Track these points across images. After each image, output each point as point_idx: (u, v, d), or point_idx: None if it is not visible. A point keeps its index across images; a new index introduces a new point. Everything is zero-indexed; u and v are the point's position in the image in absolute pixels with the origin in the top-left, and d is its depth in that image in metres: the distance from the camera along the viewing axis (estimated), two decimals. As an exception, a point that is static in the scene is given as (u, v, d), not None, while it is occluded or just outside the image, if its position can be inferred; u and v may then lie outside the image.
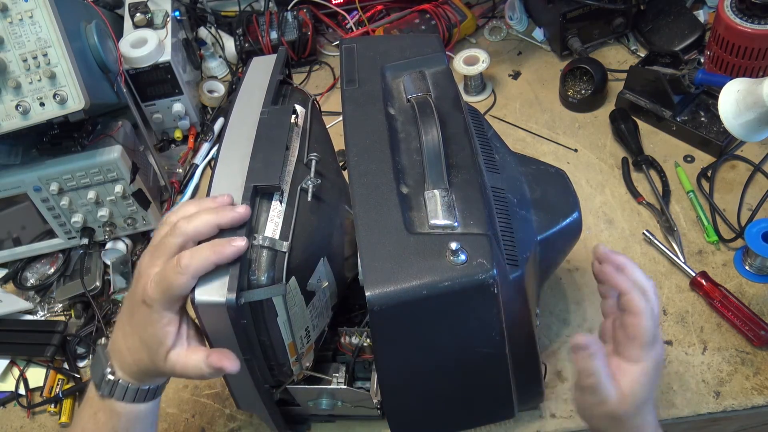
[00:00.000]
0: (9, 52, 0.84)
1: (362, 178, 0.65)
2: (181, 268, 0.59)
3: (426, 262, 0.58)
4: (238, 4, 1.30)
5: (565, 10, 1.11)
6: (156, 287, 0.61)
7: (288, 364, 0.71)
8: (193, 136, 1.16)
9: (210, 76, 1.26)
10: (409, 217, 0.62)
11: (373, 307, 0.57)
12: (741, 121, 0.72)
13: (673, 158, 1.02)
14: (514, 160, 0.79)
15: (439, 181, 0.64)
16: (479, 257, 0.58)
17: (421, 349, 0.64)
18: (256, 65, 0.83)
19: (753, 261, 0.89)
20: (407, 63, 0.76)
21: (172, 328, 0.62)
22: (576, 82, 1.11)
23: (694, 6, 1.18)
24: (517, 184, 0.76)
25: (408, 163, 0.67)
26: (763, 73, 1.02)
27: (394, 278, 0.58)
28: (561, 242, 0.76)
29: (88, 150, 0.96)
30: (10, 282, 1.06)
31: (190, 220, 0.62)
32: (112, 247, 1.04)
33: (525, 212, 0.73)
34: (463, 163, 0.66)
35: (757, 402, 0.79)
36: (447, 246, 0.59)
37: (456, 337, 0.63)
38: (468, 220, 0.62)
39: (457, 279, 0.57)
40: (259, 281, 0.62)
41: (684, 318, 0.87)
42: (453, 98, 0.72)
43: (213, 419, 0.89)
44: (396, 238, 0.60)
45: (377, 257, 0.59)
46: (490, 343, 0.63)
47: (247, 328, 0.64)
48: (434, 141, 0.65)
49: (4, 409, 0.95)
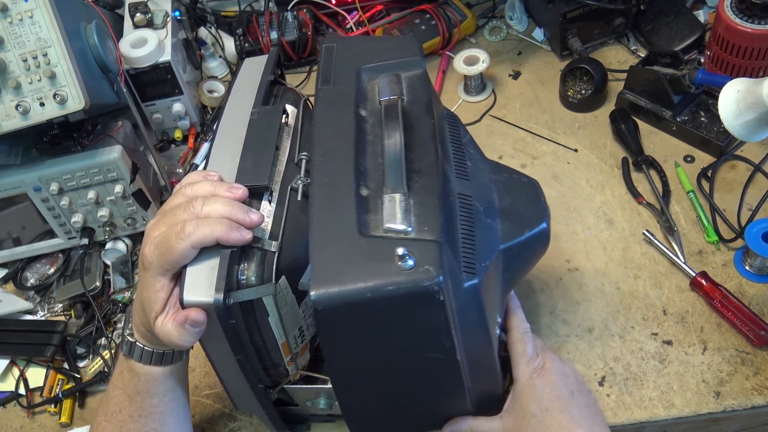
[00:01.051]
0: (9, 52, 0.85)
1: (323, 178, 0.64)
2: (184, 234, 0.60)
3: (374, 265, 0.58)
4: (238, 4, 1.30)
5: (565, 10, 1.11)
6: (155, 250, 0.62)
7: (283, 364, 0.71)
8: (193, 136, 1.16)
9: (210, 76, 1.26)
10: (365, 220, 0.62)
11: (317, 306, 0.57)
12: (741, 121, 0.72)
13: (673, 158, 1.02)
14: (488, 167, 0.79)
15: (398, 186, 0.63)
16: (427, 264, 0.58)
17: (369, 351, 0.64)
18: (248, 66, 0.83)
19: (753, 261, 0.89)
20: (384, 65, 0.75)
21: (163, 294, 0.63)
22: (576, 82, 1.11)
23: (694, 6, 1.18)
24: (487, 192, 0.75)
25: (372, 165, 0.67)
26: (763, 73, 1.02)
27: (340, 279, 0.57)
28: (527, 252, 0.75)
29: (88, 150, 0.96)
30: (10, 282, 1.06)
31: (205, 203, 0.62)
32: (112, 247, 1.04)
33: (491, 220, 0.73)
34: (426, 169, 0.66)
35: (757, 402, 0.79)
36: (396, 251, 0.58)
37: (404, 342, 0.63)
38: (422, 226, 0.61)
39: (402, 284, 0.57)
40: (248, 281, 0.62)
41: (684, 318, 0.87)
42: (426, 103, 0.72)
43: (213, 419, 0.89)
44: (347, 240, 0.60)
45: (326, 258, 0.59)
46: (440, 349, 0.63)
47: (237, 328, 0.64)
48: (396, 145, 0.65)
49: (4, 409, 0.95)
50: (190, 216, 0.62)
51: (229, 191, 0.64)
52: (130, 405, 0.71)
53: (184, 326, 0.62)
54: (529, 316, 0.89)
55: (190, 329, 0.62)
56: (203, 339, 0.65)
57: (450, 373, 0.67)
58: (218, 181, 0.66)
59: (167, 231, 0.62)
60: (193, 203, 0.62)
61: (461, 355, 0.65)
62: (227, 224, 0.61)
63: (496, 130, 1.12)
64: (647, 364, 0.84)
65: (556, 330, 0.88)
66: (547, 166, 1.05)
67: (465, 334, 0.64)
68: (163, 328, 0.63)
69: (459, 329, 0.63)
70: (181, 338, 0.63)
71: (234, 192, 0.64)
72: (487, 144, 1.10)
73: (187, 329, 0.62)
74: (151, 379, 0.70)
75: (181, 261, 0.62)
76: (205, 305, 0.61)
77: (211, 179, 0.66)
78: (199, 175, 0.67)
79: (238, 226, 0.61)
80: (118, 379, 0.72)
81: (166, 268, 0.63)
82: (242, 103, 0.76)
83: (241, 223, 0.62)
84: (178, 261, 0.62)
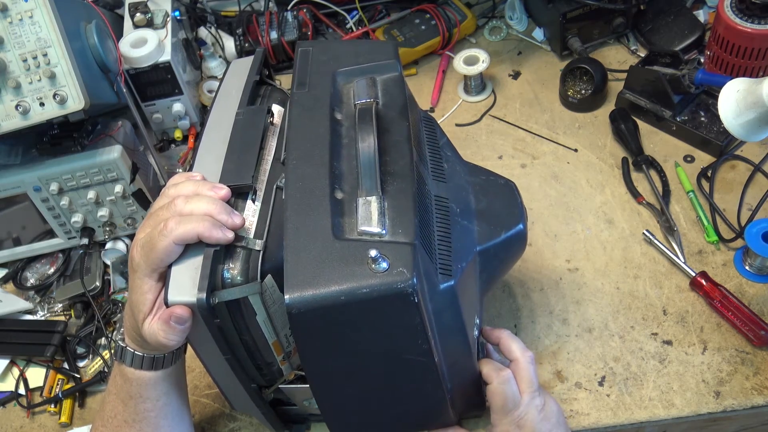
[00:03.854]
0: (9, 52, 0.85)
1: (298, 182, 0.64)
2: (166, 231, 0.61)
3: (347, 268, 0.58)
4: (238, 4, 1.30)
5: (565, 10, 1.11)
6: (141, 250, 0.63)
7: (276, 363, 0.71)
8: (193, 136, 1.16)
9: (210, 76, 1.26)
10: (339, 223, 0.62)
11: (291, 310, 0.57)
12: (741, 121, 0.72)
13: (673, 158, 1.02)
14: (465, 169, 0.79)
15: (372, 189, 0.63)
16: (400, 266, 0.58)
17: (345, 354, 0.64)
18: (235, 68, 0.83)
19: (753, 261, 0.89)
20: (360, 69, 0.75)
21: (151, 295, 0.64)
22: (576, 82, 1.11)
23: (694, 6, 1.18)
24: (463, 194, 0.75)
25: (347, 168, 0.67)
26: (763, 73, 1.02)
27: (314, 282, 0.58)
28: (503, 253, 0.76)
29: (88, 150, 0.96)
30: (10, 282, 1.06)
31: (187, 202, 0.63)
32: (112, 247, 1.04)
33: (467, 222, 0.73)
34: (401, 172, 0.66)
35: (757, 402, 0.79)
36: (369, 253, 0.59)
37: (380, 344, 0.63)
38: (397, 228, 0.61)
39: (375, 287, 0.57)
40: (234, 280, 0.62)
41: (684, 318, 0.87)
42: (401, 106, 0.72)
43: (213, 419, 0.89)
44: (322, 243, 0.60)
45: (301, 261, 0.59)
46: (417, 351, 0.63)
47: (224, 327, 0.64)
48: (369, 149, 0.65)
49: (4, 409, 0.95)
50: (173, 214, 0.62)
51: (212, 190, 0.64)
52: (124, 410, 0.71)
53: (169, 323, 0.62)
54: (529, 316, 0.90)
55: (175, 326, 0.62)
56: (192, 340, 0.66)
57: (428, 375, 0.67)
58: (201, 180, 0.66)
59: (151, 231, 0.62)
60: (176, 202, 0.63)
61: (439, 356, 0.65)
62: (210, 221, 0.61)
63: (496, 130, 1.12)
64: (647, 364, 0.84)
65: (556, 330, 0.88)
66: (547, 166, 1.05)
67: (442, 335, 0.65)
68: (149, 329, 0.64)
69: (436, 331, 0.63)
70: (167, 336, 0.63)
71: (217, 191, 0.64)
72: (487, 144, 1.10)
73: (173, 326, 0.62)
74: (142, 383, 0.70)
75: (165, 259, 0.62)
76: (189, 305, 0.61)
77: (194, 179, 0.66)
78: (182, 177, 0.67)
79: (220, 224, 0.62)
80: (113, 384, 0.72)
81: (153, 268, 0.63)
82: (228, 104, 0.76)
83: (223, 223, 0.62)
84: (162, 259, 0.62)
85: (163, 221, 0.62)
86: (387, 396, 0.70)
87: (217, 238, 0.61)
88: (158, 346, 0.65)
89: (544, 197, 1.01)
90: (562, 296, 0.91)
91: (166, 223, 0.61)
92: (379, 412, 0.73)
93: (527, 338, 0.88)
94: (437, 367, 0.65)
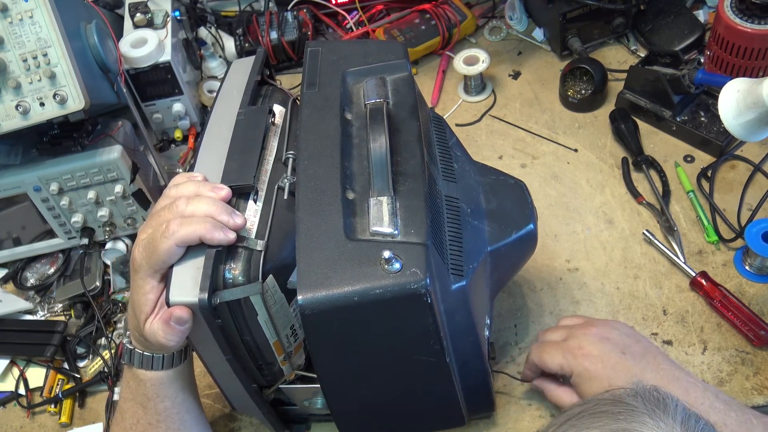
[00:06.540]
0: (9, 52, 0.85)
1: (309, 183, 0.65)
2: (168, 233, 0.61)
3: (360, 268, 0.58)
4: (238, 4, 1.30)
5: (565, 10, 1.11)
6: (143, 251, 0.63)
7: (277, 364, 0.71)
8: (193, 136, 1.16)
9: (210, 76, 1.26)
10: (351, 223, 0.62)
11: (304, 311, 0.57)
12: (741, 121, 0.72)
13: (673, 158, 1.02)
14: (474, 169, 0.79)
15: (384, 189, 0.63)
16: (413, 266, 0.58)
17: (358, 354, 0.64)
18: (236, 68, 0.83)
19: (753, 261, 0.89)
20: (369, 69, 0.76)
21: (152, 296, 0.64)
22: (576, 82, 1.11)
23: (694, 6, 1.18)
24: (473, 194, 0.75)
25: (358, 169, 0.67)
26: (763, 73, 1.02)
27: (327, 283, 0.58)
28: (514, 254, 0.76)
29: (88, 150, 0.96)
30: (10, 282, 1.06)
31: (188, 203, 0.63)
32: (112, 247, 1.04)
33: (478, 222, 0.73)
34: (412, 171, 0.66)
35: (757, 402, 0.79)
36: (382, 254, 0.58)
37: (393, 345, 0.63)
38: (409, 229, 0.61)
39: (389, 287, 0.57)
40: (235, 280, 0.62)
41: (684, 318, 0.87)
42: (411, 106, 0.72)
43: (213, 419, 0.89)
44: (334, 244, 0.60)
45: (313, 262, 0.59)
46: (429, 351, 0.63)
47: (225, 327, 0.64)
48: (381, 148, 0.65)
49: (4, 409, 0.95)
50: (175, 215, 0.63)
51: (213, 191, 0.64)
52: (145, 413, 0.71)
53: (169, 324, 0.62)
54: (529, 316, 0.90)
55: (175, 327, 0.62)
56: (194, 340, 0.66)
57: (440, 375, 0.67)
58: (203, 181, 0.66)
59: (153, 232, 0.62)
60: (177, 203, 0.63)
61: (450, 357, 0.65)
62: (211, 223, 0.61)
63: (496, 130, 1.12)
64: (647, 364, 0.84)
65: (556, 330, 0.88)
66: (546, 166, 1.05)
67: (454, 336, 0.65)
68: (150, 329, 0.64)
69: (447, 331, 0.63)
70: (167, 336, 0.63)
71: (218, 192, 0.64)
72: (487, 144, 1.10)
73: (172, 327, 0.62)
74: (157, 383, 0.70)
75: (167, 260, 0.62)
76: (190, 305, 0.61)
77: (195, 180, 0.66)
78: (183, 177, 0.67)
79: (222, 225, 0.62)
80: (126, 389, 0.72)
81: (155, 269, 0.63)
82: (229, 105, 0.76)
83: (224, 224, 0.62)
84: (164, 260, 0.62)
85: (165, 222, 0.62)
86: (398, 396, 0.70)
87: (218, 240, 0.61)
88: (159, 347, 0.66)
89: (544, 197, 1.01)
90: (562, 296, 0.91)
91: (168, 224, 0.61)
92: (390, 412, 0.73)
93: (527, 338, 0.88)
94: (449, 367, 0.65)
